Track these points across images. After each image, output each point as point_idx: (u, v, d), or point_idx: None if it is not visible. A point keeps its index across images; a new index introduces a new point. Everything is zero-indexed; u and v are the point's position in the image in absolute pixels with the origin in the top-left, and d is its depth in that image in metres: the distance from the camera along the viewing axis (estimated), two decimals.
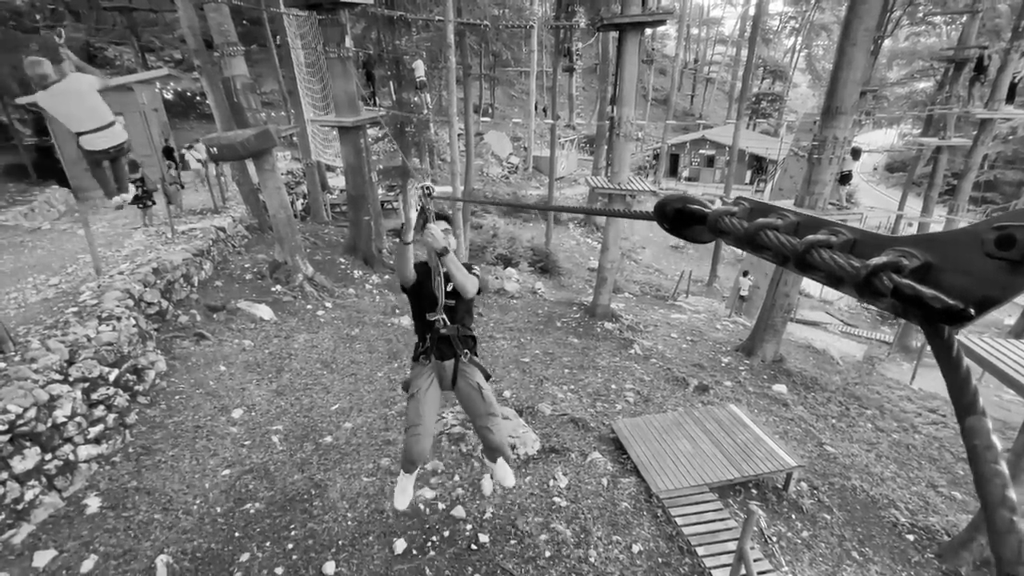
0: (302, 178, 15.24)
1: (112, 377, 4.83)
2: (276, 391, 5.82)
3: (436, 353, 2.77)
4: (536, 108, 27.09)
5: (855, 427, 6.99)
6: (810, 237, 0.45)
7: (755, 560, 3.73)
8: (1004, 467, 0.30)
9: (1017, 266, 0.33)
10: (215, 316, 7.11)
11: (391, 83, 12.79)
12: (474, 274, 2.68)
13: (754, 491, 5.24)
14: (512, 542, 4.00)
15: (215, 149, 7.30)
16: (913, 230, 21.16)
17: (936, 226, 20.10)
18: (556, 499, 4.48)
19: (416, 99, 12.94)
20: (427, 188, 2.54)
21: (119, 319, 5.33)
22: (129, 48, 16.23)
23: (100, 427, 4.48)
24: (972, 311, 0.34)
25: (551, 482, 4.69)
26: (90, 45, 17.11)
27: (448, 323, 2.70)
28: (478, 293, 2.66)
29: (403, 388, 3.00)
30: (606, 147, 21.22)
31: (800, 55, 44.33)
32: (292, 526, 3.96)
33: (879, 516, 5.16)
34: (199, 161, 10.23)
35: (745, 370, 8.13)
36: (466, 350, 2.79)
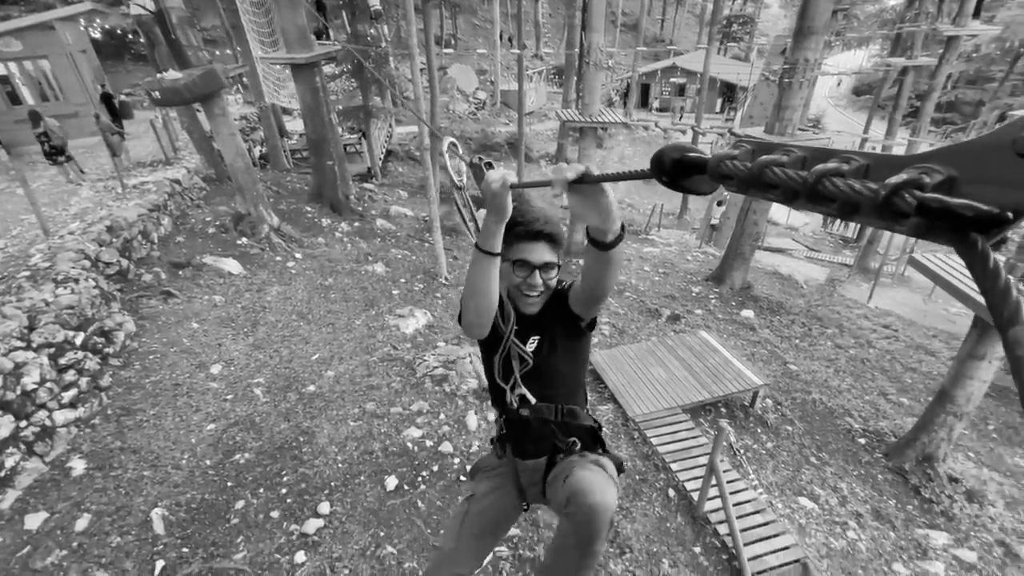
0: (257, 123, 14.32)
1: (79, 341, 4.69)
2: (253, 345, 5.77)
3: (514, 446, 1.74)
4: (501, 38, 25.68)
5: (816, 346, 7.41)
6: (820, 167, 0.42)
7: (724, 471, 4.04)
8: None
9: None
10: (181, 273, 6.87)
11: (344, 14, 11.82)
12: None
13: (723, 410, 5.59)
14: None
15: (157, 94, 6.74)
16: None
17: (899, 149, 20.46)
18: None
19: (372, 31, 12.06)
20: (454, 144, 1.66)
21: (77, 281, 5.10)
22: None
23: (74, 391, 4.40)
24: (1010, 215, 0.32)
25: None
26: None
27: (531, 399, 1.61)
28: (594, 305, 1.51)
29: (469, 477, 2.01)
30: (576, 78, 20.44)
31: None
32: (284, 472, 4.06)
33: (835, 424, 5.60)
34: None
35: (715, 298, 8.41)
36: (574, 441, 1.65)
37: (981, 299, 4.18)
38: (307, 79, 9.05)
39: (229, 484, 3.93)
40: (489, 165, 1.33)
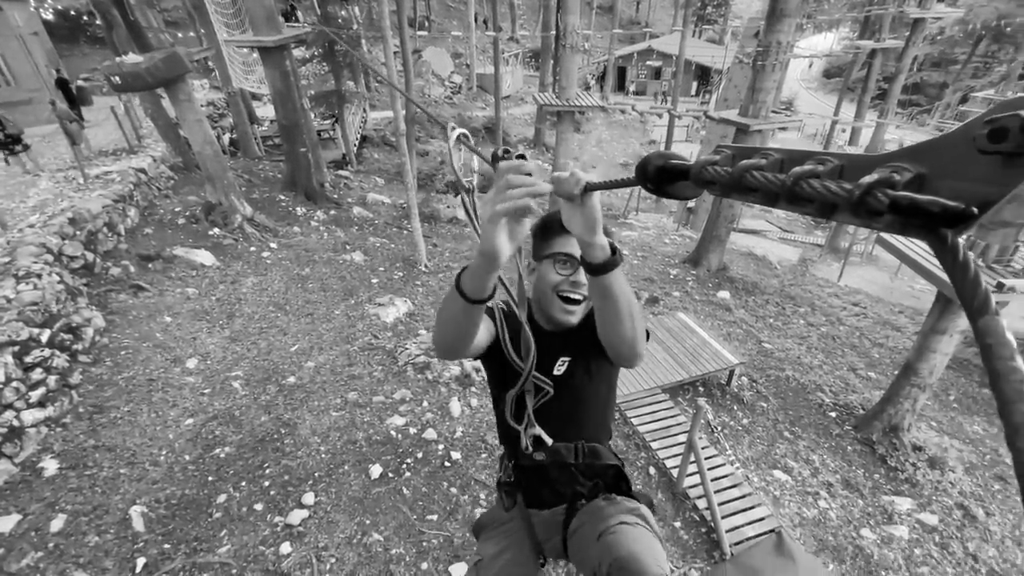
0: (225, 109, 13.86)
1: (44, 338, 4.52)
2: (230, 337, 5.66)
3: (526, 495, 1.51)
4: (476, 20, 25.23)
5: (789, 324, 7.63)
6: (797, 170, 0.44)
7: (703, 448, 4.16)
8: (1020, 363, 0.29)
9: (1011, 159, 0.31)
10: (151, 266, 6.67)
11: None
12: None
13: (701, 388, 5.73)
14: (483, 455, 4.26)
15: (117, 78, 6.45)
16: (847, 135, 21.98)
17: (867, 131, 20.94)
18: None
19: (344, 13, 11.71)
20: (465, 136, 1.19)
21: (39, 276, 4.91)
22: None
23: (42, 390, 4.25)
24: (975, 209, 0.33)
25: None
26: None
27: (547, 440, 1.33)
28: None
29: (472, 533, 1.75)
30: (552, 61, 20.27)
31: None
32: (266, 465, 4.03)
33: (808, 400, 5.80)
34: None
35: (692, 280, 8.56)
36: (596, 483, 1.47)
37: (943, 276, 4.35)
38: (276, 63, 8.76)
39: (210, 479, 3.88)
40: (521, 158, 0.94)
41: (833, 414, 5.60)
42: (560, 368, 1.38)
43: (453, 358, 1.24)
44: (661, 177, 0.61)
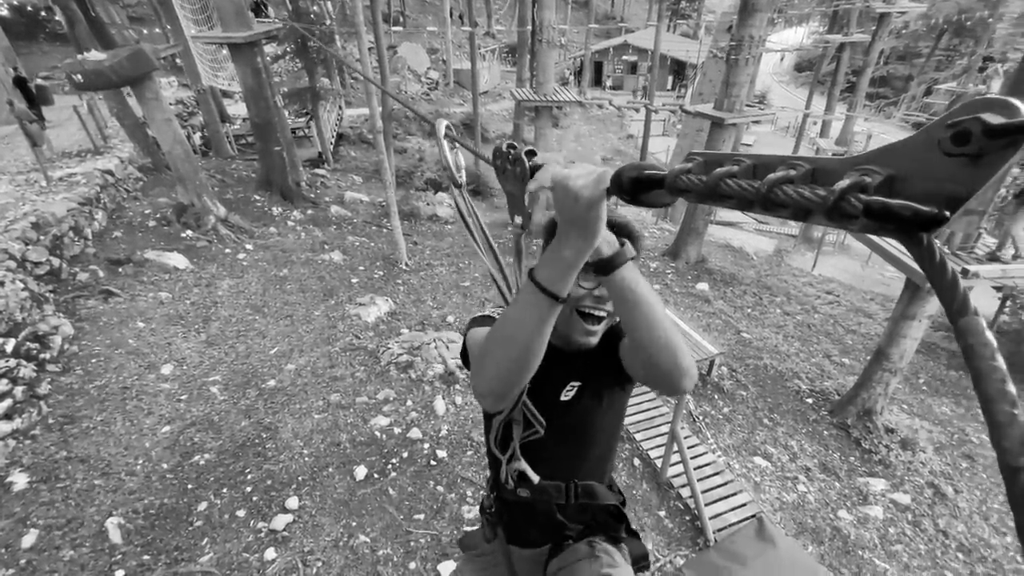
0: (195, 108, 13.48)
1: (9, 348, 4.36)
2: (206, 342, 5.53)
3: (508, 530, 1.40)
4: (451, 15, 25.03)
5: (767, 314, 7.79)
6: (771, 176, 0.44)
7: (685, 437, 4.23)
8: (1001, 362, 0.29)
9: (976, 159, 0.32)
10: (121, 270, 6.47)
11: None
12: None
13: None
14: (469, 453, 4.26)
15: (79, 77, 6.22)
16: (818, 128, 22.48)
17: (837, 123, 21.46)
18: None
19: (316, 8, 11.49)
20: (450, 128, 1.18)
21: (1, 284, 4.73)
22: None
23: (8, 402, 4.10)
24: (946, 213, 0.34)
25: None
26: None
27: (533, 478, 1.21)
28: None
29: (460, 548, 1.72)
30: (529, 57, 20.24)
31: None
32: (247, 470, 3.96)
33: (785, 387, 5.94)
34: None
35: (671, 272, 8.67)
36: (588, 527, 1.35)
37: (912, 264, 4.49)
38: (247, 59, 8.56)
39: (190, 487, 3.80)
40: (532, 154, 0.80)
41: (810, 400, 5.75)
42: (568, 394, 1.20)
43: (511, 395, 0.95)
44: (636, 188, 0.62)
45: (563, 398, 1.20)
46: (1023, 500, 0.25)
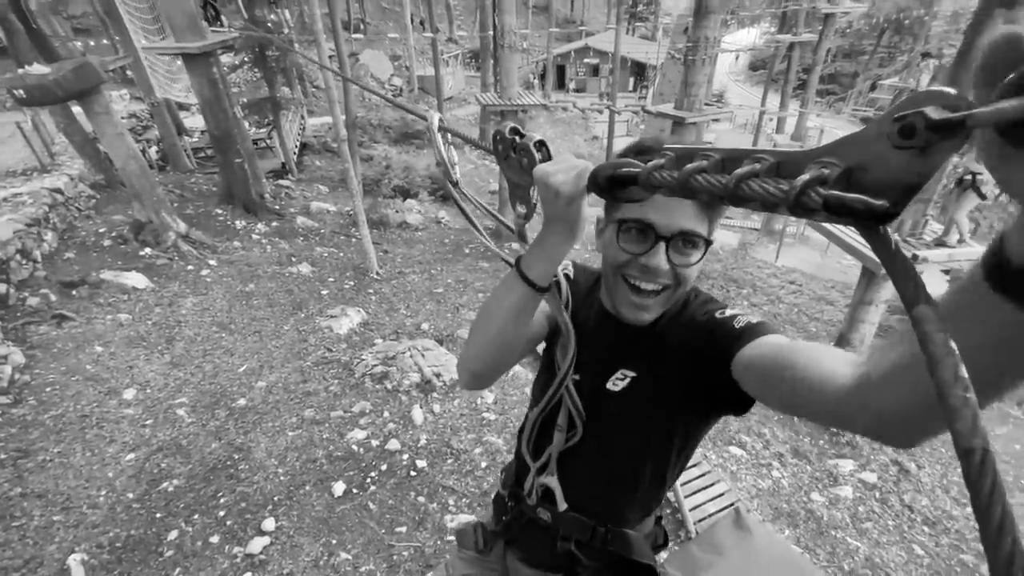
0: (150, 121, 13.00)
1: None
2: (171, 363, 5.33)
3: (519, 548, 1.21)
4: (413, 21, 24.91)
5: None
6: (738, 172, 0.45)
7: None
8: (955, 348, 0.30)
9: (923, 151, 0.33)
10: (75, 293, 6.17)
11: None
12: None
13: None
14: (449, 461, 4.22)
15: (21, 92, 5.92)
16: (774, 124, 23.29)
17: (792, 119, 22.29)
18: (485, 414, 4.74)
19: (273, 16, 11.26)
20: (442, 120, 1.00)
21: None
22: None
23: None
24: (898, 206, 0.35)
25: (479, 400, 4.92)
26: None
27: (560, 503, 1.04)
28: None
29: (456, 537, 1.43)
30: (492, 61, 20.32)
31: None
32: (220, 494, 3.83)
33: None
34: None
35: None
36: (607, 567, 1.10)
37: (867, 252, 4.68)
38: (203, 70, 8.31)
39: (158, 515, 3.64)
40: (542, 145, 0.75)
41: None
42: (617, 383, 0.94)
43: (493, 379, 0.92)
44: (612, 185, 0.63)
45: (610, 386, 0.95)
46: (978, 481, 0.26)
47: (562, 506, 1.02)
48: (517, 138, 0.77)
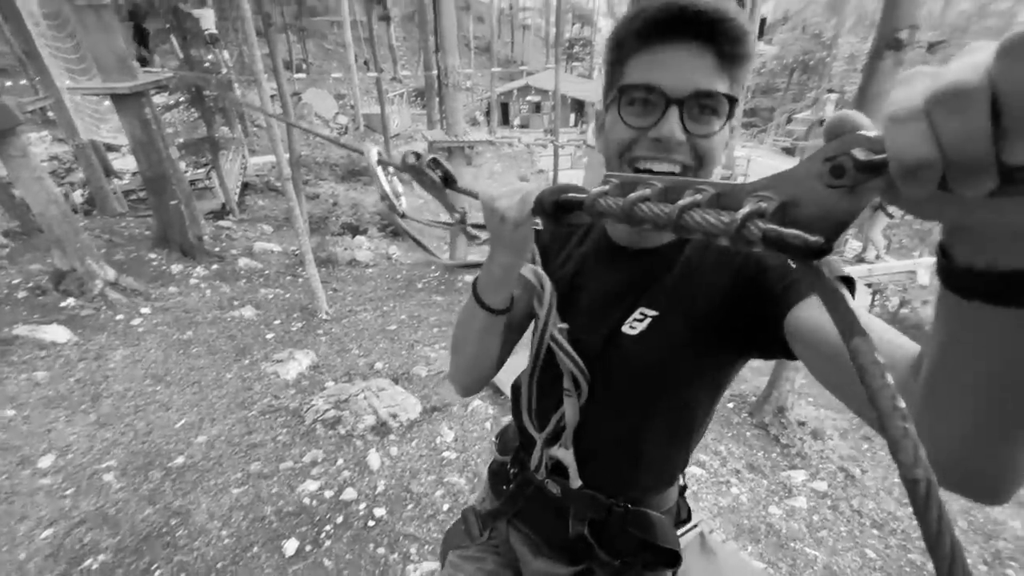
0: (74, 163, 12.25)
1: None
2: (97, 423, 4.88)
3: (525, 522, 1.05)
4: (357, 61, 25.13)
5: None
6: (681, 202, 0.46)
7: None
8: (890, 380, 0.30)
9: (852, 190, 0.35)
10: None
11: (173, 38, 10.65)
12: None
13: None
14: (409, 507, 4.04)
15: None
16: None
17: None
18: (445, 453, 4.60)
19: (211, 56, 11.05)
20: (380, 153, 1.09)
21: None
22: None
23: None
24: (830, 241, 0.37)
25: (438, 439, 4.78)
26: None
27: (573, 479, 0.90)
28: None
29: (440, 557, 1.22)
30: (437, 99, 20.74)
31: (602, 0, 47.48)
32: (154, 566, 3.47)
33: None
34: None
35: None
36: (623, 563, 0.92)
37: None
38: (134, 111, 7.98)
39: None
40: (436, 163, 0.84)
41: (731, 405, 6.13)
42: (635, 326, 0.79)
43: (488, 381, 0.92)
44: (558, 210, 0.64)
45: (626, 329, 0.80)
46: (924, 510, 0.26)
47: (576, 483, 0.90)
48: (416, 160, 0.88)
